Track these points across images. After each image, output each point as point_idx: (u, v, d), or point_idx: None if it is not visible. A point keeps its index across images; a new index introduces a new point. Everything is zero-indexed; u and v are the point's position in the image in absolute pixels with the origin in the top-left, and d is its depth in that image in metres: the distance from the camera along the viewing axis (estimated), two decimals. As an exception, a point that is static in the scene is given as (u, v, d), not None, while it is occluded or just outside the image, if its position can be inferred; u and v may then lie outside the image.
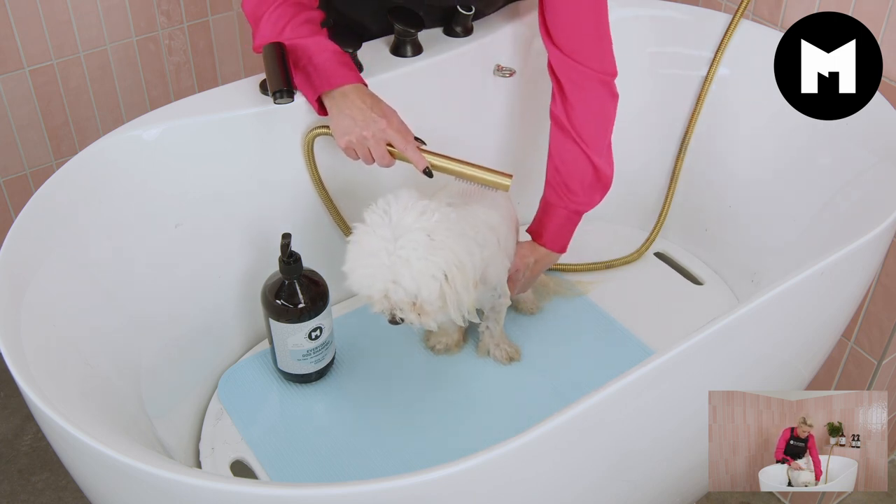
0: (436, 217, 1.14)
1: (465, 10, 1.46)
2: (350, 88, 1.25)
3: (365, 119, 1.23)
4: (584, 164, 1.37)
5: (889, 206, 1.18)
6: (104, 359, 1.16)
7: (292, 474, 1.27)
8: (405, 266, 1.12)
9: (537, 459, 0.94)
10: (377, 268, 1.13)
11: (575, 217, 1.42)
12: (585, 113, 1.35)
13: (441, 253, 1.13)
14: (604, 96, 1.36)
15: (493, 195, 1.31)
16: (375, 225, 1.14)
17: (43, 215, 1.16)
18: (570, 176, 1.38)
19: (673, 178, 1.63)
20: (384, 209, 1.15)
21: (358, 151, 1.26)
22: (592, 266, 1.62)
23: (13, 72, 1.75)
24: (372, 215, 1.15)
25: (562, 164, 1.38)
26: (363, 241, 1.14)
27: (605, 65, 1.35)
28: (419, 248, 1.12)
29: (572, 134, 1.35)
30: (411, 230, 1.12)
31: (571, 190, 1.38)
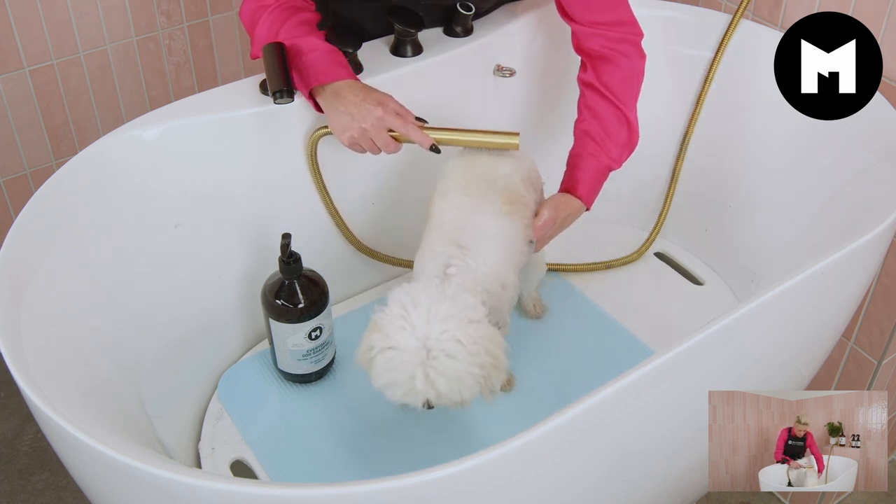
0: (462, 314, 1.07)
1: (464, 10, 1.46)
2: (340, 85, 1.25)
3: (361, 112, 1.23)
4: (620, 121, 1.36)
5: (889, 206, 1.18)
6: (104, 359, 1.17)
7: (292, 474, 1.27)
8: (445, 381, 1.05)
9: (537, 459, 0.94)
10: (414, 385, 1.05)
11: (606, 172, 1.37)
12: (617, 74, 1.35)
13: (477, 359, 1.06)
14: (633, 56, 1.36)
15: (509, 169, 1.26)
16: (398, 336, 1.06)
17: (43, 215, 1.16)
18: (607, 131, 1.35)
19: (673, 178, 1.63)
20: (402, 315, 1.07)
21: (362, 145, 1.26)
22: (593, 266, 1.62)
23: (13, 72, 1.75)
24: (392, 323, 1.07)
25: (596, 121, 1.35)
26: (392, 358, 1.06)
27: (628, 26, 1.35)
28: (457, 361, 1.05)
29: (607, 95, 1.34)
30: (442, 340, 1.05)
31: (607, 145, 1.35)
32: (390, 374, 1.06)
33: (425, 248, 1.21)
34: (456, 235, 1.19)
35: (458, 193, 1.23)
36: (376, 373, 1.08)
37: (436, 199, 1.26)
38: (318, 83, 1.25)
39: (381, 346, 1.07)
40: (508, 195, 1.23)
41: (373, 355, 1.08)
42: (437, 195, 1.26)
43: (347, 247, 1.52)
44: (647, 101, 1.63)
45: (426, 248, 1.21)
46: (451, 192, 1.24)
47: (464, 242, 1.18)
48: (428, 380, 1.04)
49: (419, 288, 1.11)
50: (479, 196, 1.22)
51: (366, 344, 1.10)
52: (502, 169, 1.24)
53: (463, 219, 1.20)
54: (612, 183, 1.70)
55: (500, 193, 1.22)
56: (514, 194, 1.23)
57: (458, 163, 1.27)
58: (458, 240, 1.18)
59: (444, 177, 1.27)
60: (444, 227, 1.21)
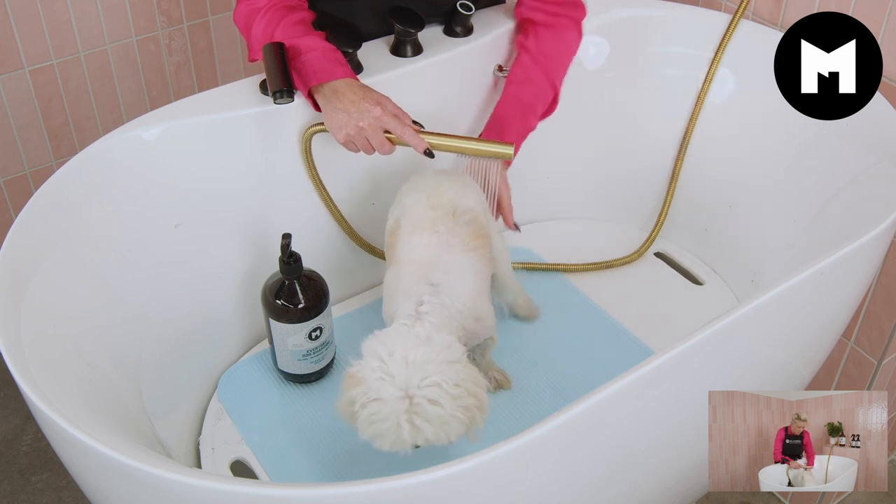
0: (441, 357, 1.05)
1: (464, 10, 1.46)
2: (340, 83, 1.25)
3: (358, 110, 1.23)
4: (547, 90, 1.43)
5: (889, 206, 1.18)
6: (104, 359, 1.16)
7: (292, 474, 1.27)
8: (431, 427, 1.04)
9: (537, 459, 0.94)
10: (401, 435, 1.04)
11: (526, 132, 1.44)
12: (554, 44, 1.43)
13: (461, 402, 1.05)
14: (572, 30, 1.45)
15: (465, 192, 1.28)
16: (379, 387, 1.04)
17: (43, 215, 1.16)
18: (536, 96, 1.42)
19: (673, 177, 1.63)
20: (378, 365, 1.05)
21: (357, 143, 1.26)
22: (592, 266, 1.62)
23: (13, 72, 1.75)
24: (370, 375, 1.05)
25: (528, 85, 1.42)
26: (377, 411, 1.04)
27: (573, 7, 1.44)
28: (441, 407, 1.04)
29: (541, 61, 1.42)
30: (423, 388, 1.03)
31: (533, 109, 1.42)
32: (375, 426, 1.05)
33: (396, 291, 1.19)
34: (427, 273, 1.17)
35: (426, 231, 1.21)
36: (361, 426, 1.06)
37: (400, 236, 1.24)
38: (318, 82, 1.25)
39: (363, 400, 1.05)
40: (475, 230, 1.23)
41: (356, 409, 1.06)
42: (402, 232, 1.24)
43: (347, 247, 1.52)
44: (648, 101, 1.63)
45: (398, 291, 1.19)
46: (417, 230, 1.22)
47: (436, 280, 1.17)
48: (414, 427, 1.03)
49: (392, 334, 1.09)
50: (447, 233, 1.21)
51: (346, 398, 1.08)
52: (467, 202, 1.24)
53: (433, 256, 1.19)
54: (613, 183, 1.71)
55: (466, 229, 1.22)
56: (479, 229, 1.24)
57: (419, 196, 1.25)
58: (429, 278, 1.17)
59: (405, 213, 1.25)
60: (413, 265, 1.19)
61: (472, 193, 1.26)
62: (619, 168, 1.70)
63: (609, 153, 1.68)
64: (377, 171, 1.48)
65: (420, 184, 1.28)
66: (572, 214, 1.74)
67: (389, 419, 1.04)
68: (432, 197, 1.24)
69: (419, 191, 1.26)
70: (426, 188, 1.26)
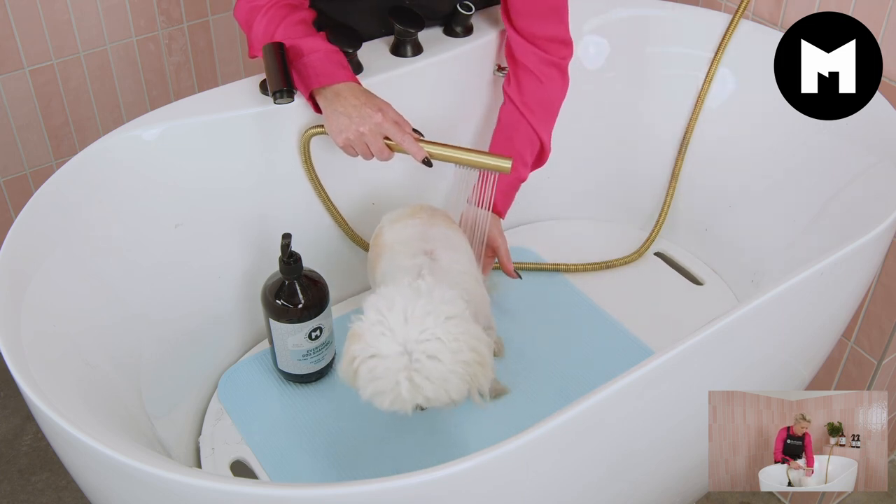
0: (440, 310, 1.04)
1: (464, 10, 1.46)
2: (342, 87, 1.25)
3: (360, 115, 1.23)
4: (533, 142, 1.42)
5: (889, 206, 1.18)
6: (104, 359, 1.17)
7: (292, 474, 1.27)
8: (430, 384, 1.02)
9: (537, 459, 0.94)
10: (400, 393, 1.03)
11: (518, 183, 1.44)
12: (540, 96, 1.41)
13: (460, 356, 1.04)
14: (557, 80, 1.42)
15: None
16: (378, 342, 1.03)
17: (43, 215, 1.16)
18: (523, 147, 1.41)
19: (673, 178, 1.63)
20: (378, 320, 1.04)
21: (356, 148, 1.26)
22: (592, 266, 1.62)
23: (13, 72, 1.75)
24: (370, 330, 1.04)
25: (515, 136, 1.41)
26: (375, 367, 1.03)
27: (562, 47, 1.40)
28: (440, 362, 1.02)
29: (526, 114, 1.40)
30: (422, 342, 1.02)
31: (523, 157, 1.41)
32: (375, 383, 1.04)
33: (394, 269, 1.19)
34: (419, 245, 1.18)
35: (407, 218, 1.26)
36: (361, 384, 1.05)
37: (384, 231, 1.27)
38: (320, 85, 1.25)
39: (363, 356, 1.04)
40: (454, 227, 1.28)
41: (356, 366, 1.05)
42: (385, 227, 1.28)
43: (347, 247, 1.52)
44: (648, 101, 1.63)
45: (395, 269, 1.18)
46: (398, 221, 1.26)
47: (429, 248, 1.17)
48: (413, 385, 1.02)
49: (392, 289, 1.08)
50: (428, 218, 1.25)
51: (348, 356, 1.07)
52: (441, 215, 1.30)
53: (422, 232, 1.21)
54: (613, 183, 1.71)
55: (445, 217, 1.27)
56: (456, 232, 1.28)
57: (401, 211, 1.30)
58: (423, 249, 1.17)
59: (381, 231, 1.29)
60: (404, 244, 1.20)
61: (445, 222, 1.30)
62: (619, 168, 1.70)
63: (609, 153, 1.68)
64: (376, 175, 1.48)
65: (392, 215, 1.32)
66: (572, 214, 1.74)
67: (388, 376, 1.02)
68: (409, 208, 1.29)
69: (391, 214, 1.31)
70: (400, 210, 1.31)
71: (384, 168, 1.45)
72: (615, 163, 1.69)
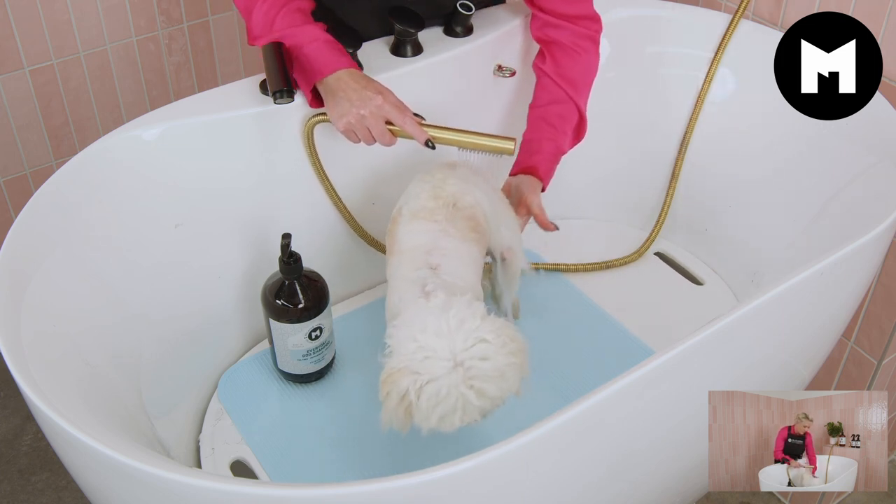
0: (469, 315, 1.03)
1: (464, 10, 1.46)
2: (343, 73, 1.25)
3: (360, 98, 1.23)
4: (572, 112, 1.42)
5: (889, 206, 1.18)
6: (104, 359, 1.17)
7: (292, 474, 1.27)
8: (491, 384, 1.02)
9: (537, 459, 0.94)
10: (470, 404, 1.01)
11: (559, 155, 1.43)
12: (575, 67, 1.41)
13: (507, 348, 1.03)
14: (592, 53, 1.42)
15: None
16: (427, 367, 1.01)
17: (43, 215, 1.16)
18: (562, 117, 1.41)
19: (673, 177, 1.63)
20: (416, 347, 1.01)
21: (357, 132, 1.25)
22: (592, 266, 1.62)
23: (13, 72, 1.75)
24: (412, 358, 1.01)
25: (552, 106, 1.41)
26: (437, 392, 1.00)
27: (591, 21, 1.41)
28: (491, 360, 1.02)
29: (563, 86, 1.40)
30: (468, 348, 1.01)
31: (561, 131, 1.41)
32: (440, 407, 1.01)
33: (397, 278, 1.18)
34: (425, 258, 1.17)
35: (425, 220, 1.21)
36: (424, 415, 1.02)
37: (400, 223, 1.23)
38: (322, 76, 1.25)
39: (416, 388, 1.01)
40: (473, 224, 1.22)
41: (412, 399, 1.02)
42: (402, 219, 1.23)
43: (347, 247, 1.52)
44: (648, 101, 1.63)
45: (398, 278, 1.18)
46: (416, 218, 1.22)
47: (434, 263, 1.16)
48: (477, 392, 1.01)
49: (413, 314, 1.06)
50: (445, 221, 1.21)
51: (395, 395, 1.03)
52: (468, 199, 1.23)
53: (430, 241, 1.19)
54: (612, 183, 1.71)
55: (465, 222, 1.22)
56: (477, 225, 1.23)
57: (424, 186, 1.24)
58: (427, 262, 1.17)
59: (408, 200, 1.24)
60: (411, 252, 1.19)
61: (477, 191, 1.26)
62: (619, 168, 1.70)
63: (609, 153, 1.68)
64: (379, 167, 1.48)
65: (428, 174, 1.27)
66: (572, 214, 1.74)
67: (451, 394, 1.01)
68: (436, 188, 1.23)
69: (425, 181, 1.26)
70: (433, 179, 1.25)
71: (387, 158, 1.45)
72: (615, 163, 1.69)
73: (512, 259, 1.33)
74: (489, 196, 1.30)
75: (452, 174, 1.26)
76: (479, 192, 1.26)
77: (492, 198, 1.30)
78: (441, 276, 1.15)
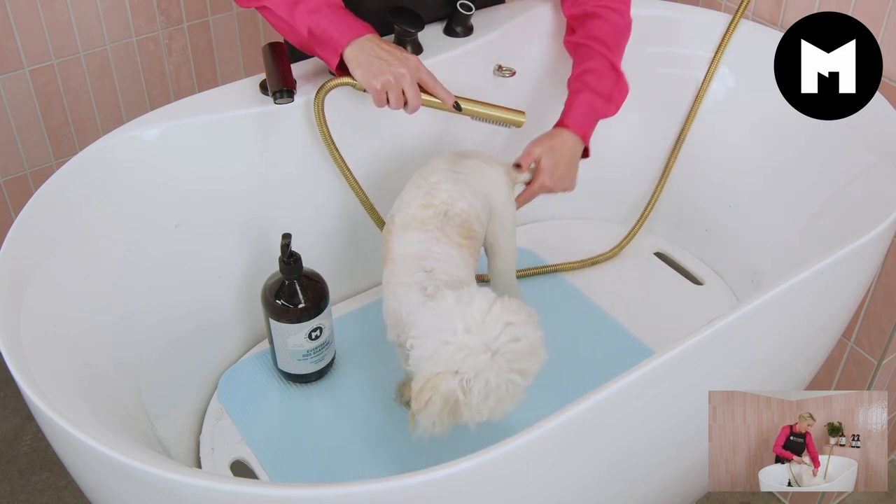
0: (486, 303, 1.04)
1: (464, 10, 1.46)
2: (371, 36, 1.26)
3: (396, 59, 1.24)
4: (608, 68, 1.40)
5: (889, 206, 1.18)
6: (104, 359, 1.17)
7: (292, 474, 1.27)
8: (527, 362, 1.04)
9: (537, 459, 0.94)
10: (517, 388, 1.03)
11: (596, 104, 1.39)
12: (606, 27, 1.41)
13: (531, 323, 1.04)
14: (623, 12, 1.44)
15: None
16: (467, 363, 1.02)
17: (43, 215, 1.16)
18: (597, 74, 1.40)
19: (664, 174, 1.63)
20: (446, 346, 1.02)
21: (391, 93, 1.25)
22: (578, 264, 1.62)
23: (13, 72, 1.75)
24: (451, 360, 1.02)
25: (584, 65, 1.40)
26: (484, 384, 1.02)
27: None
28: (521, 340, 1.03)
29: (595, 46, 1.40)
30: (498, 336, 1.02)
31: (598, 84, 1.39)
32: (492, 397, 1.03)
33: (394, 285, 1.19)
34: (419, 263, 1.17)
35: (416, 230, 1.21)
36: (474, 409, 1.03)
37: (393, 233, 1.23)
38: (349, 40, 1.24)
39: (461, 387, 1.02)
40: (465, 231, 1.22)
41: (460, 398, 1.03)
42: (395, 228, 1.23)
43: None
44: (647, 100, 1.63)
45: (395, 285, 1.18)
46: (408, 228, 1.22)
47: (429, 267, 1.17)
48: (520, 373, 1.03)
49: (430, 319, 1.07)
50: (437, 230, 1.21)
51: (439, 399, 1.03)
52: (460, 205, 1.23)
53: (425, 249, 1.19)
54: (613, 183, 1.71)
55: (457, 228, 1.22)
56: (469, 231, 1.23)
57: (416, 193, 1.24)
58: (422, 267, 1.17)
59: (400, 208, 1.24)
60: (405, 259, 1.19)
61: (469, 194, 1.26)
62: (620, 168, 1.70)
63: (609, 153, 1.68)
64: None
65: (422, 177, 1.27)
66: (571, 214, 1.74)
67: (499, 382, 1.02)
68: (427, 195, 1.23)
69: (418, 185, 1.26)
70: (426, 183, 1.25)
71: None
72: (616, 163, 1.69)
73: (493, 258, 1.35)
74: (495, 189, 1.30)
75: (446, 177, 1.25)
76: (471, 194, 1.25)
77: (495, 192, 1.30)
78: (438, 276, 1.16)
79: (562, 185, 1.38)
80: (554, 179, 1.36)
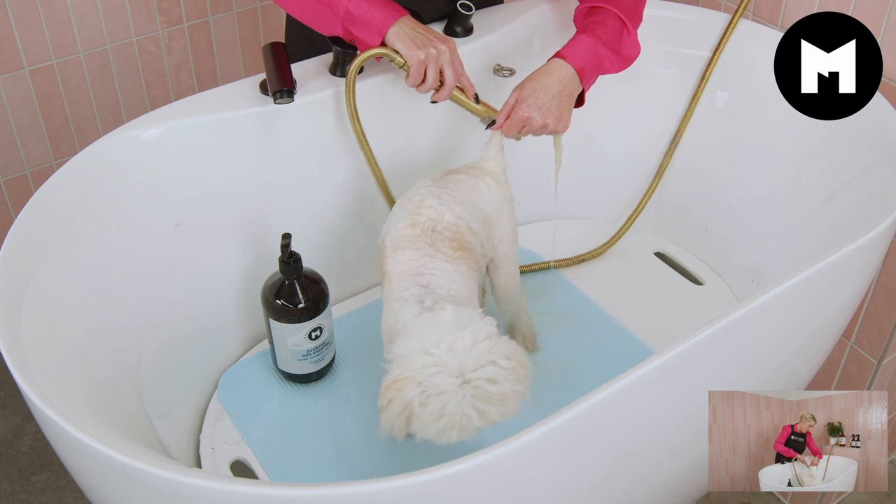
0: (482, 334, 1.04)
1: (464, 10, 1.46)
2: (410, 17, 1.28)
3: (437, 38, 1.27)
4: (616, 22, 1.34)
5: (889, 206, 1.18)
6: (104, 359, 1.17)
7: (292, 474, 1.27)
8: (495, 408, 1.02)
9: (537, 459, 0.94)
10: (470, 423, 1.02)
11: (599, 51, 1.31)
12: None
13: (515, 374, 1.03)
14: None
15: None
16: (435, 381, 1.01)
17: (43, 215, 1.16)
18: (599, 23, 1.34)
19: (657, 173, 1.63)
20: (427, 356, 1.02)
21: (431, 68, 1.26)
22: (566, 262, 1.62)
23: (13, 72, 1.75)
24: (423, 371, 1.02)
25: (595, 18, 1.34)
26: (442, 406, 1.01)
27: None
28: (498, 384, 1.02)
29: (605, 5, 1.35)
30: (479, 369, 1.01)
31: (598, 33, 1.32)
32: (443, 421, 1.02)
33: (392, 300, 1.18)
34: (415, 279, 1.17)
35: (407, 249, 1.20)
36: (424, 425, 1.03)
37: (386, 255, 1.22)
38: (394, 19, 1.25)
39: (422, 399, 1.02)
40: (457, 244, 1.21)
41: (415, 409, 1.03)
42: (387, 251, 1.22)
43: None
44: (647, 100, 1.63)
45: (393, 300, 1.18)
46: (399, 248, 1.21)
47: (424, 282, 1.16)
48: (479, 413, 1.02)
49: (424, 327, 1.07)
50: (428, 245, 1.20)
51: (399, 403, 1.03)
52: (448, 218, 1.22)
53: (419, 266, 1.18)
54: (609, 182, 1.71)
55: (447, 243, 1.21)
56: (462, 243, 1.22)
57: (401, 214, 1.24)
58: (418, 282, 1.17)
59: (389, 231, 1.23)
60: (400, 276, 1.19)
61: (457, 208, 1.24)
62: (620, 168, 1.70)
63: (609, 153, 1.68)
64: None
65: (407, 198, 1.26)
66: (571, 214, 1.74)
67: (455, 411, 1.01)
68: (413, 214, 1.22)
69: (403, 207, 1.25)
70: (409, 203, 1.24)
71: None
72: (616, 163, 1.69)
73: (494, 273, 1.34)
74: (484, 198, 1.29)
75: (430, 193, 1.24)
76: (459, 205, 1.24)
77: (486, 202, 1.29)
78: (435, 290, 1.15)
79: (544, 117, 1.27)
80: (532, 109, 1.26)
